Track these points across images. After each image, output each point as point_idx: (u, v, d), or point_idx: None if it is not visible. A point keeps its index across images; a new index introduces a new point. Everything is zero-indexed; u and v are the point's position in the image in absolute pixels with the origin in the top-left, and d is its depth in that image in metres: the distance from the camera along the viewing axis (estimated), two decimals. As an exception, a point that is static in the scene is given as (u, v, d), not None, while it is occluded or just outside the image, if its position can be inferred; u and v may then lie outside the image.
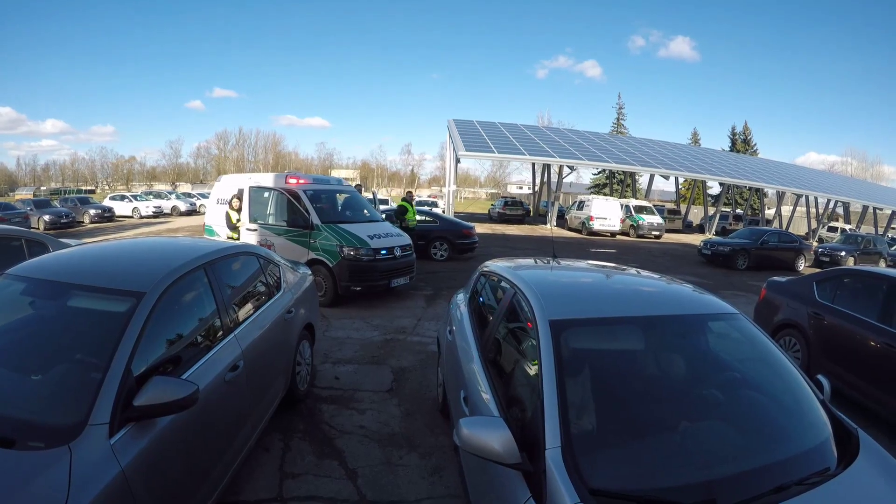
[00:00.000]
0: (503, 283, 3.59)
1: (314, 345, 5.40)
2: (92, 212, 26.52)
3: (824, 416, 2.47)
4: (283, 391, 4.28)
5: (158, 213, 30.97)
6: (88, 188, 64.43)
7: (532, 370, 2.53)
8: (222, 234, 9.91)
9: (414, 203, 13.80)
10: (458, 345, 3.83)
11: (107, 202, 30.38)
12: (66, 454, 2.00)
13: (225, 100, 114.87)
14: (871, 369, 5.03)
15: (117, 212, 28.94)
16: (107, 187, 75.64)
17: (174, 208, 33.05)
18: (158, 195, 35.66)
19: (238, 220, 9.63)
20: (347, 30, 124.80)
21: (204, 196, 37.22)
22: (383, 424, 4.50)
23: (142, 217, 29.80)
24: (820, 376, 2.74)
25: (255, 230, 9.48)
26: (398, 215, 13.02)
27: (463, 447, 2.12)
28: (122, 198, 32.08)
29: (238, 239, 9.20)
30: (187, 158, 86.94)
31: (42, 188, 65.56)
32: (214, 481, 2.90)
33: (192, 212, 33.81)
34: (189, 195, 39.65)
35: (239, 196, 9.69)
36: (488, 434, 2.07)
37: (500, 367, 3.06)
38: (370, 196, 17.99)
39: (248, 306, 3.84)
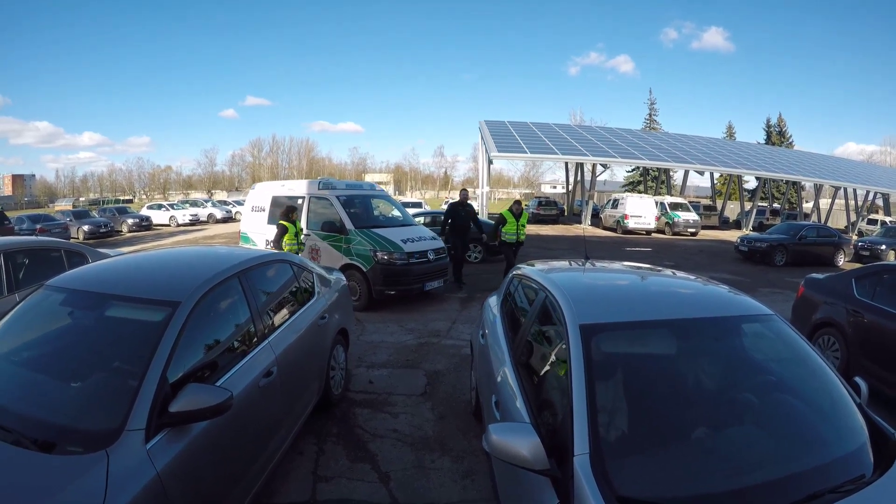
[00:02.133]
0: (535, 287, 3.56)
1: (348, 349, 5.46)
2: (130, 221, 27.39)
3: (860, 420, 2.37)
4: (317, 396, 4.34)
5: (195, 221, 31.73)
6: (126, 198, 66.67)
7: (562, 375, 2.50)
8: (259, 242, 10.11)
9: (521, 208, 10.59)
10: (491, 349, 3.83)
11: (144, 211, 31.49)
12: (103, 459, 2.06)
13: (258, 108, 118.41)
14: None
15: (155, 220, 29.85)
16: (144, 196, 78.30)
17: (210, 216, 33.82)
18: (195, 203, 36.62)
19: (301, 231, 8.83)
20: (378, 34, 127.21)
21: (239, 203, 38.07)
22: (416, 428, 4.52)
23: (179, 225, 30.57)
24: (857, 378, 2.64)
25: (308, 235, 9.51)
26: (495, 226, 10.63)
27: (492, 453, 2.11)
28: (160, 207, 32.97)
29: (301, 251, 8.78)
30: (222, 167, 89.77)
31: (81, 199, 68.23)
32: (248, 484, 2.96)
33: (228, 219, 34.65)
34: (225, 203, 40.58)
35: (294, 207, 8.97)
36: (517, 440, 2.07)
37: (531, 371, 3.04)
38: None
39: (282, 313, 3.92)
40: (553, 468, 2.02)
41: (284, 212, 8.60)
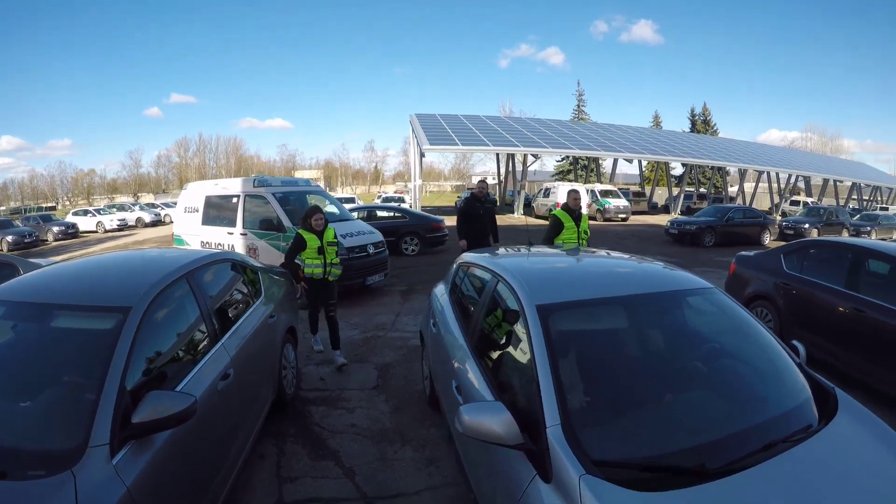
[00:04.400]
0: (484, 273, 3.66)
1: (297, 348, 5.38)
2: (55, 229, 25.66)
3: (802, 378, 2.61)
4: (272, 396, 4.27)
5: (123, 226, 30.34)
6: (49, 205, 62.37)
7: (522, 354, 2.61)
8: (193, 244, 9.76)
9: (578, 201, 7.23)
10: (444, 336, 3.89)
11: (70, 218, 29.72)
12: (69, 480, 1.96)
13: (183, 105, 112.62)
14: (841, 333, 5.29)
15: (81, 227, 28.18)
16: (67, 203, 73.39)
17: (139, 220, 32.46)
18: (122, 207, 35.01)
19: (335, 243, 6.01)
20: (306, 27, 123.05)
21: (168, 206, 36.66)
22: (374, 421, 4.53)
23: (106, 231, 29.17)
24: (795, 342, 2.89)
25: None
26: (548, 232, 7.02)
27: (465, 433, 2.17)
28: (86, 212, 31.45)
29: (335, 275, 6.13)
30: (148, 168, 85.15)
31: (1, 208, 63.28)
32: (215, 493, 2.89)
33: (158, 222, 33.31)
34: (153, 206, 38.84)
35: (316, 208, 5.99)
36: (490, 418, 2.14)
37: (489, 354, 3.14)
38: None
39: (232, 313, 3.83)
40: (527, 442, 2.11)
41: (303, 219, 5.84)
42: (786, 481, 1.93)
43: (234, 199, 9.49)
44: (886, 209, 31.97)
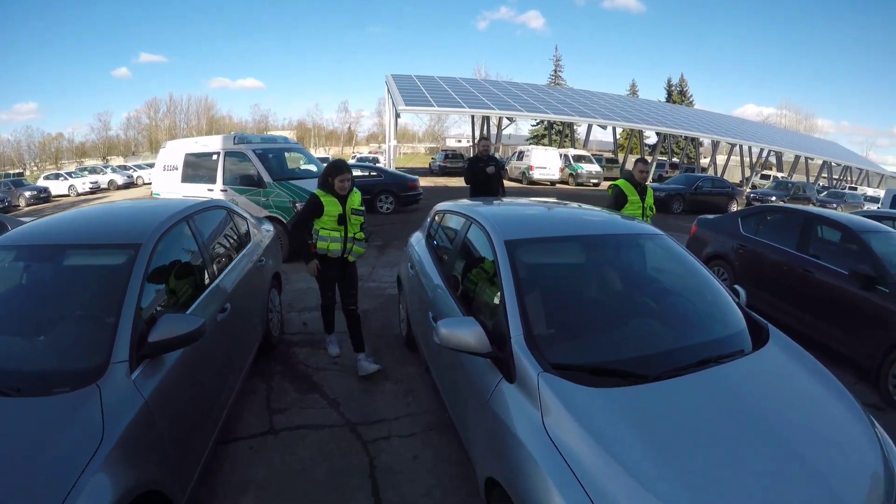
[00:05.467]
0: (458, 218, 4.03)
1: (281, 294, 5.67)
2: (27, 194, 25.28)
3: (739, 313, 3.02)
4: (260, 336, 4.57)
5: (96, 189, 30.01)
6: (17, 171, 60.02)
7: (491, 284, 3.01)
8: None
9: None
10: (421, 276, 4.26)
11: (41, 182, 29.27)
12: (95, 392, 2.17)
13: (153, 65, 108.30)
14: (789, 290, 5.80)
15: (53, 191, 27.79)
16: (35, 168, 70.57)
17: (111, 182, 32.06)
18: (94, 170, 34.36)
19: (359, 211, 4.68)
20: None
21: (140, 168, 36.41)
22: (355, 360, 4.85)
23: (79, 194, 28.75)
24: (737, 286, 3.31)
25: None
26: (612, 203, 6.65)
27: (442, 343, 2.54)
28: (57, 176, 30.90)
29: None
30: (117, 131, 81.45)
31: None
32: (214, 419, 3.19)
33: (130, 184, 33.09)
34: (125, 168, 38.24)
35: (338, 167, 4.59)
36: (463, 330, 2.52)
37: (462, 286, 3.52)
38: None
39: (227, 254, 4.12)
40: (495, 351, 2.49)
41: (323, 177, 4.55)
42: (713, 387, 2.31)
43: (214, 157, 9.55)
44: (855, 189, 33.00)
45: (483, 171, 7.80)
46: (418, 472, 3.28)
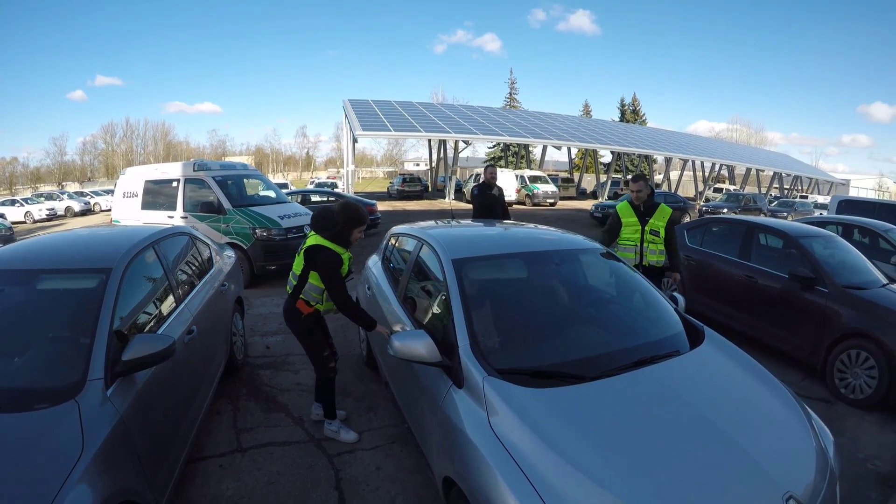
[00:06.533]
0: (412, 240, 4.29)
1: (244, 318, 5.78)
2: None
3: (677, 318, 3.33)
4: (225, 358, 4.68)
5: (52, 216, 29.31)
6: None
7: (441, 299, 3.26)
8: None
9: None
10: (377, 296, 4.50)
11: None
12: (74, 407, 2.30)
13: (109, 88, 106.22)
14: (733, 296, 6.23)
15: (9, 217, 26.43)
16: None
17: (68, 209, 31.32)
18: (50, 196, 33.48)
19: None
20: (237, 6, 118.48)
21: (98, 194, 35.57)
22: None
23: (35, 221, 28.10)
24: (675, 293, 3.64)
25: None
26: (607, 230, 5.81)
27: (396, 355, 2.80)
28: (13, 202, 29.97)
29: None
30: (73, 156, 78.90)
31: None
32: (185, 433, 3.32)
33: (87, 211, 32.39)
34: (82, 194, 37.30)
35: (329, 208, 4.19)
36: (415, 342, 2.79)
37: (414, 303, 3.79)
38: None
39: (192, 279, 4.25)
40: (444, 360, 2.76)
41: (338, 227, 3.82)
42: (648, 384, 2.58)
43: (174, 183, 9.60)
44: (806, 197, 34.50)
45: (492, 197, 7.85)
46: (382, 482, 3.47)
